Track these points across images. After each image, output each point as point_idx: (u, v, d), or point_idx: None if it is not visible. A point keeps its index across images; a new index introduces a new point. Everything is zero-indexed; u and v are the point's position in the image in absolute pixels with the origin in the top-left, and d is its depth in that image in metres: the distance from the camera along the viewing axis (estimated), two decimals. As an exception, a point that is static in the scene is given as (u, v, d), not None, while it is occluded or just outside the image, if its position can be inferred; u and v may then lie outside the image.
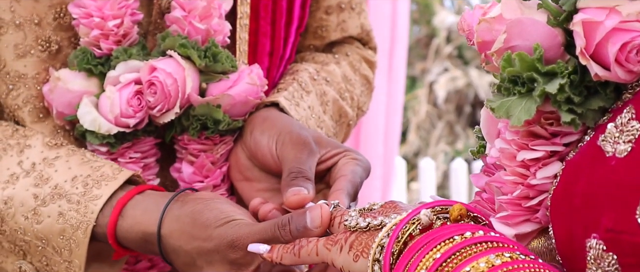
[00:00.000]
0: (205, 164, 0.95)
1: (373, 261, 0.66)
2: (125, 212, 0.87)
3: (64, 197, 0.87)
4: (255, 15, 1.01)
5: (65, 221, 0.87)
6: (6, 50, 0.93)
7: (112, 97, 0.91)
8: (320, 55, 1.12)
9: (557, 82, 0.57)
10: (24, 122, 0.95)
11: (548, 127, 0.60)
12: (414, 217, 0.65)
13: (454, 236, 0.60)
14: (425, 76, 4.99)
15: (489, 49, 0.61)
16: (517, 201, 0.62)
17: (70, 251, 0.87)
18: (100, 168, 0.89)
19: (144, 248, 0.88)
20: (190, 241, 0.82)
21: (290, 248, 0.76)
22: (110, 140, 0.93)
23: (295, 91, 1.02)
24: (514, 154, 0.61)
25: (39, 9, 0.92)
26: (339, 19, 1.11)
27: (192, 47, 0.92)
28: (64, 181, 0.88)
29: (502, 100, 0.60)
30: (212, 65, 0.93)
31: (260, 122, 0.95)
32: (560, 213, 0.58)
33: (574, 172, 0.57)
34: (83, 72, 0.93)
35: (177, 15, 0.93)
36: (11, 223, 0.88)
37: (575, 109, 0.58)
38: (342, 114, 1.09)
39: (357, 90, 1.13)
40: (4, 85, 0.95)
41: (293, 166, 0.87)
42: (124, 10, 0.92)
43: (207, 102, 0.93)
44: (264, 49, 1.03)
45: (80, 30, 0.92)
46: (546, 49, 0.59)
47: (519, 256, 0.57)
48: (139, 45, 0.95)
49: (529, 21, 0.59)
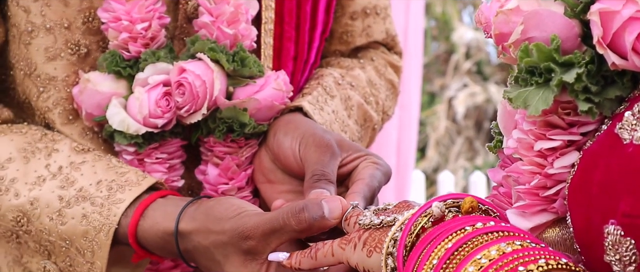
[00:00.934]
0: (230, 166, 0.97)
1: (386, 255, 0.67)
2: (146, 214, 0.89)
3: (88, 200, 0.89)
4: (279, 20, 1.03)
5: (89, 223, 0.89)
6: (37, 53, 0.96)
7: (141, 98, 0.93)
8: (345, 60, 1.14)
9: (574, 72, 0.58)
10: (54, 123, 0.98)
11: (565, 117, 0.61)
12: (426, 211, 0.66)
13: (465, 226, 0.61)
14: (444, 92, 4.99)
15: (506, 40, 0.62)
16: (534, 190, 0.63)
17: (93, 253, 0.89)
18: (125, 174, 0.92)
19: (163, 249, 0.89)
20: (207, 236, 0.84)
21: (307, 252, 0.77)
22: (138, 140, 0.95)
23: (319, 96, 1.03)
24: (531, 144, 0.62)
25: (69, 13, 0.95)
26: (364, 24, 1.13)
27: (221, 51, 0.94)
28: (89, 184, 0.91)
29: (519, 90, 0.61)
30: (240, 69, 0.95)
31: (284, 124, 0.97)
32: (579, 201, 0.59)
33: (592, 160, 0.58)
34: (112, 75, 0.96)
35: (205, 20, 0.95)
36: (37, 224, 0.90)
37: (593, 98, 0.58)
38: (367, 118, 1.11)
39: (382, 94, 1.14)
40: (35, 88, 0.97)
41: (316, 168, 0.89)
42: (151, 14, 0.94)
43: (234, 106, 0.95)
44: (289, 54, 1.04)
45: (109, 34, 0.95)
46: (563, 40, 0.59)
47: (530, 244, 0.58)
48: (167, 48, 0.97)
49: (546, 12, 0.60)
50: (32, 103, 0.98)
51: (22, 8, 0.95)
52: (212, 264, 0.85)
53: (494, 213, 0.67)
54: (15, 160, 0.93)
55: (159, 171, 0.97)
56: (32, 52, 0.96)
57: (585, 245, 0.59)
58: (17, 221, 0.91)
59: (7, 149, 0.93)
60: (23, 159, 0.93)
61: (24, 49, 0.96)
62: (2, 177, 0.92)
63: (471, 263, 0.58)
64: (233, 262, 0.82)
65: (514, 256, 0.57)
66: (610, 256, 0.55)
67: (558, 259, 0.57)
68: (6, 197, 0.91)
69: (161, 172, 0.97)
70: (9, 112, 0.99)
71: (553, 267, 0.56)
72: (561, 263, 0.57)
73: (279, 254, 0.79)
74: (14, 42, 0.98)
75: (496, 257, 0.57)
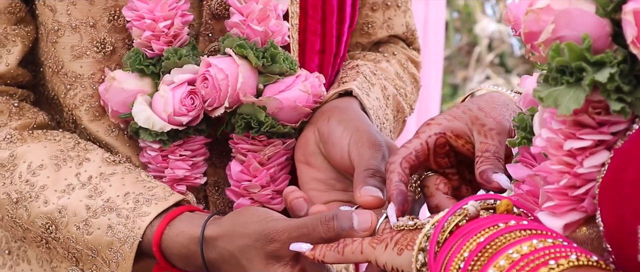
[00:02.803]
0: (252, 163, 0.97)
1: (418, 250, 0.67)
2: (172, 224, 0.89)
3: (114, 211, 0.90)
4: (304, 14, 1.03)
5: (114, 234, 0.89)
6: (63, 51, 0.97)
7: (166, 96, 0.94)
8: (370, 53, 1.13)
9: (607, 71, 0.57)
10: (81, 120, 0.99)
11: (595, 117, 0.60)
12: (461, 209, 0.66)
13: (498, 223, 0.62)
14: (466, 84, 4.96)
15: (536, 39, 0.61)
16: (563, 190, 0.62)
17: (118, 264, 0.89)
18: (153, 188, 0.92)
19: (187, 259, 0.89)
20: (232, 240, 0.84)
21: (334, 246, 0.77)
22: (162, 137, 0.95)
23: (363, 82, 1.03)
24: (560, 144, 0.62)
25: (95, 12, 0.96)
26: (384, 16, 1.12)
27: (250, 48, 0.94)
28: (117, 195, 0.91)
29: (550, 89, 0.60)
30: (270, 65, 0.95)
31: (340, 112, 0.96)
32: (610, 201, 0.58)
33: (624, 159, 0.58)
34: (136, 73, 0.96)
35: (235, 20, 0.96)
36: (64, 231, 0.91)
37: (625, 98, 0.58)
38: (400, 109, 1.11)
39: (408, 87, 1.14)
40: (62, 86, 0.98)
41: (371, 163, 0.87)
42: (174, 12, 0.95)
43: (253, 103, 0.95)
44: (314, 47, 1.04)
45: (133, 32, 0.95)
46: (594, 39, 0.59)
47: (562, 242, 0.58)
48: (190, 45, 0.97)
49: (577, 11, 0.60)
50: (60, 100, 1.00)
51: (48, 7, 0.96)
52: (237, 270, 0.85)
53: (528, 216, 0.67)
54: (47, 167, 0.93)
55: (182, 168, 0.97)
56: (58, 50, 0.97)
57: (617, 244, 0.58)
58: (45, 228, 0.92)
59: (40, 155, 0.94)
60: (54, 167, 0.93)
61: (51, 47, 0.98)
62: (33, 184, 0.92)
63: (503, 257, 0.59)
64: (256, 265, 0.82)
65: (545, 251, 0.57)
66: (642, 256, 0.55)
67: (589, 256, 0.57)
68: (36, 203, 0.92)
69: (184, 169, 0.97)
70: (43, 116, 1.00)
71: (584, 264, 0.56)
72: (592, 260, 0.57)
73: (302, 245, 0.79)
74: (42, 40, 0.99)
75: (528, 252, 0.58)
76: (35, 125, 0.98)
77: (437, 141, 0.84)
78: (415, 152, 0.83)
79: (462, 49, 5.20)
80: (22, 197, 0.92)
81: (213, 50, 0.99)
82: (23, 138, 0.96)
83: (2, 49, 0.97)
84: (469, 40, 5.13)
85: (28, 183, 0.93)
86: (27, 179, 0.93)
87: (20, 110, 0.98)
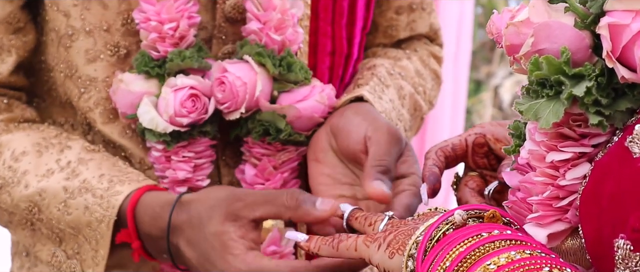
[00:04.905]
0: (267, 167, 0.99)
1: (407, 257, 0.68)
2: (150, 193, 0.94)
3: (90, 192, 0.94)
4: (314, 16, 1.04)
5: (91, 214, 0.93)
6: (77, 55, 0.99)
7: (167, 98, 0.96)
8: (391, 50, 1.14)
9: (584, 85, 0.57)
10: (95, 123, 1.01)
11: (576, 129, 0.61)
12: (448, 218, 0.67)
13: (482, 232, 0.62)
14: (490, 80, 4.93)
15: (517, 52, 0.62)
16: (547, 201, 0.63)
17: (97, 241, 0.94)
18: (129, 173, 0.96)
19: (153, 222, 0.92)
20: (205, 201, 0.90)
21: (329, 240, 0.78)
22: (166, 138, 0.97)
23: (376, 85, 1.04)
24: (543, 156, 0.62)
25: (108, 16, 0.98)
26: (409, 18, 1.13)
27: (268, 56, 0.96)
28: (92, 177, 0.95)
29: (530, 102, 0.61)
30: (286, 74, 0.97)
31: (355, 107, 0.98)
32: (589, 213, 0.58)
33: (603, 173, 0.58)
34: (143, 74, 0.98)
35: (253, 27, 0.97)
36: (46, 213, 0.96)
37: (603, 111, 0.58)
38: (417, 108, 1.12)
39: (428, 84, 1.15)
40: (76, 89, 1.01)
41: (383, 157, 0.90)
42: (180, 14, 0.96)
43: (273, 110, 0.97)
44: (325, 49, 1.05)
45: (141, 34, 0.97)
46: (574, 51, 0.59)
47: (540, 253, 0.58)
48: (195, 47, 0.98)
49: (556, 24, 0.60)
50: (74, 103, 1.02)
51: (62, 13, 0.98)
52: (199, 229, 0.89)
53: (514, 226, 0.67)
54: (29, 153, 0.98)
55: (183, 170, 0.99)
56: (72, 54, 0.99)
57: (596, 257, 0.59)
58: (29, 210, 0.96)
59: (23, 143, 0.98)
60: (36, 153, 0.98)
61: (64, 51, 1.00)
62: (15, 170, 0.97)
63: (480, 268, 0.59)
64: (213, 225, 0.87)
65: (521, 263, 0.58)
66: (620, 270, 0.55)
67: (563, 268, 0.57)
68: (18, 188, 0.97)
69: (185, 170, 0.99)
70: (32, 113, 1.03)
71: None
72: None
73: (298, 235, 0.81)
74: (52, 46, 1.01)
75: (504, 264, 0.58)
76: (22, 120, 1.02)
77: (476, 139, 0.87)
78: (452, 145, 0.87)
79: (485, 45, 5.17)
80: (5, 183, 0.97)
81: (227, 53, 1.01)
82: (8, 129, 1.00)
83: None
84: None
85: (11, 169, 0.97)
86: (9, 165, 0.97)
87: (9, 107, 1.02)
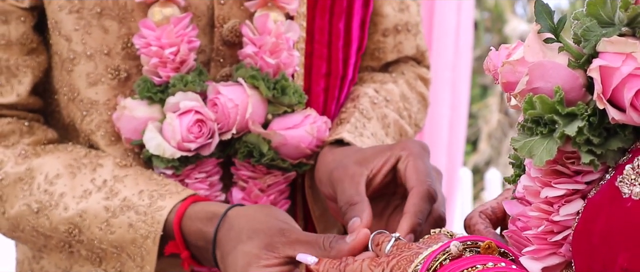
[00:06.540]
0: (253, 190, 1.00)
1: None
2: (196, 204, 0.94)
3: (132, 209, 0.95)
4: (310, 39, 1.05)
5: (135, 231, 0.94)
6: (79, 79, 1.01)
7: (173, 124, 0.97)
8: (378, 74, 1.15)
9: (576, 124, 0.59)
10: (98, 145, 1.02)
11: (570, 166, 0.62)
12: (446, 249, 0.68)
13: (476, 264, 0.64)
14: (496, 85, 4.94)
15: (513, 89, 0.63)
16: (542, 235, 0.64)
17: (142, 258, 0.94)
18: (166, 185, 0.96)
19: (199, 234, 0.92)
20: (252, 220, 0.88)
21: (337, 264, 0.80)
22: (174, 163, 0.98)
23: (357, 122, 1.05)
24: (538, 191, 0.63)
25: (109, 40, 0.99)
26: (395, 41, 1.14)
27: (262, 79, 0.98)
28: (132, 194, 0.96)
29: (525, 140, 0.62)
30: (280, 97, 0.99)
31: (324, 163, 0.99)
32: (581, 250, 0.60)
33: (594, 211, 0.59)
34: (145, 100, 0.99)
35: (248, 51, 0.99)
36: (87, 233, 0.96)
37: (595, 150, 0.59)
38: (402, 133, 1.12)
39: (414, 107, 1.16)
40: (79, 112, 1.02)
41: (341, 199, 0.92)
42: (180, 38, 0.97)
43: (259, 134, 0.98)
44: (320, 71, 1.07)
45: (142, 60, 0.99)
46: (567, 90, 0.61)
47: None
48: (196, 71, 1.00)
49: (550, 64, 0.61)
50: (77, 126, 1.03)
51: (63, 37, 1.00)
52: (234, 243, 0.88)
53: (510, 257, 0.69)
54: (63, 176, 0.98)
55: (201, 188, 1.00)
56: (74, 78, 1.01)
57: (589, 292, 0.60)
58: (69, 232, 0.96)
59: (55, 166, 0.99)
60: (70, 175, 0.98)
61: (66, 75, 1.01)
62: (52, 193, 0.97)
63: None
64: (251, 242, 0.86)
65: None
66: (611, 306, 0.56)
67: None
68: (56, 211, 0.97)
69: (204, 189, 1.01)
70: (53, 133, 1.04)
71: None
72: None
73: (308, 257, 0.82)
74: (56, 69, 1.03)
75: None
76: (46, 141, 1.03)
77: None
78: (491, 208, 0.86)
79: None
80: (42, 206, 0.97)
81: (224, 76, 1.02)
82: (37, 152, 1.01)
83: (13, 79, 1.01)
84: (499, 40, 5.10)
85: (47, 193, 0.98)
86: (45, 189, 0.98)
87: (30, 129, 1.03)
